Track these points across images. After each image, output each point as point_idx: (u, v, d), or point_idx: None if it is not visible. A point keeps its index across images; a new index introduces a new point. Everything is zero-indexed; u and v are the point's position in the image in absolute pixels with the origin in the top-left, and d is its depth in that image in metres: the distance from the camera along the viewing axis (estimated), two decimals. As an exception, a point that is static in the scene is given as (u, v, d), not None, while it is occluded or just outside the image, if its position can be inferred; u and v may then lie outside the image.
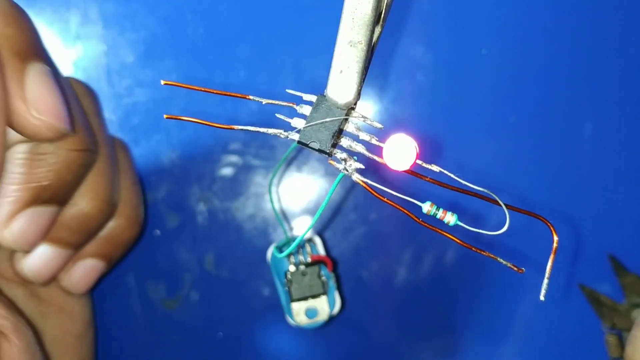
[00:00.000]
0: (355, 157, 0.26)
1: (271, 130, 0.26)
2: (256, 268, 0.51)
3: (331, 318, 0.49)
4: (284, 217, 0.52)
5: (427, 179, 0.25)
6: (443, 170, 0.25)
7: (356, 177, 0.25)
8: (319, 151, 0.25)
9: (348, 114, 0.25)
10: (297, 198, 0.52)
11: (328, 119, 0.25)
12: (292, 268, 0.47)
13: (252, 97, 0.27)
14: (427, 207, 0.25)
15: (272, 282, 0.50)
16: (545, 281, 0.24)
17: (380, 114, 0.53)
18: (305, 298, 0.46)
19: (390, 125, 0.53)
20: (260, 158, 0.52)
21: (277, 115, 0.26)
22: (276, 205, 0.52)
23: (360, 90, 0.25)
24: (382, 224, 0.52)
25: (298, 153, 0.52)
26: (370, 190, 0.25)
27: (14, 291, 0.34)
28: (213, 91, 0.27)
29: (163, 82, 0.27)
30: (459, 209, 0.26)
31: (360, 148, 0.26)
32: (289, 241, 0.48)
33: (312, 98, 0.26)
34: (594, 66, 0.54)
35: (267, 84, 0.52)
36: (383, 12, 0.26)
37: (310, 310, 0.46)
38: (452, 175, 0.24)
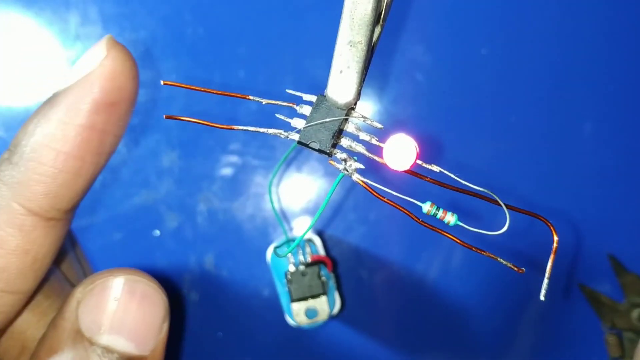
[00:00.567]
0: (355, 157, 0.25)
1: (271, 130, 0.26)
2: (256, 268, 0.51)
3: (331, 318, 0.49)
4: (284, 217, 0.52)
5: (427, 179, 0.25)
6: (443, 170, 0.25)
7: (356, 177, 0.25)
8: (319, 151, 0.25)
9: (348, 114, 0.25)
10: (297, 198, 0.52)
11: (328, 119, 0.25)
12: (292, 268, 0.47)
13: (252, 97, 0.27)
14: (427, 207, 0.25)
15: (272, 282, 0.50)
16: (545, 281, 0.24)
17: (380, 114, 0.53)
18: (305, 298, 0.46)
19: (390, 125, 0.53)
20: (260, 158, 0.52)
21: (277, 115, 0.26)
22: (276, 205, 0.52)
23: (360, 90, 0.25)
24: (382, 224, 0.52)
25: (298, 153, 0.52)
26: (370, 190, 0.25)
27: None
28: (213, 91, 0.27)
29: (163, 82, 0.27)
30: (459, 209, 0.26)
31: (360, 148, 0.26)
32: (289, 241, 0.48)
33: (312, 98, 0.26)
34: (594, 66, 0.54)
35: (267, 84, 0.52)
36: (383, 12, 0.26)
37: (310, 310, 0.46)
38: (452, 175, 0.24)
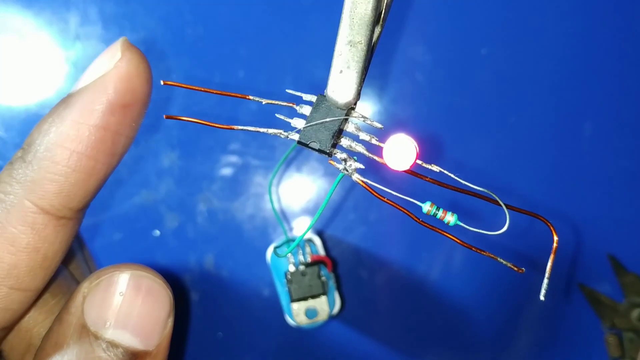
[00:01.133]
0: (355, 157, 0.25)
1: (271, 130, 0.26)
2: (256, 268, 0.51)
3: (331, 318, 0.49)
4: (284, 217, 0.52)
5: (427, 179, 0.25)
6: (443, 170, 0.25)
7: (356, 177, 0.25)
8: (319, 151, 0.25)
9: (348, 114, 0.25)
10: (297, 198, 0.52)
11: (328, 119, 0.25)
12: (292, 268, 0.47)
13: (252, 97, 0.27)
14: (427, 207, 0.25)
15: (272, 282, 0.50)
16: (545, 281, 0.24)
17: (380, 114, 0.53)
18: (305, 298, 0.46)
19: (390, 125, 0.53)
20: (260, 158, 0.52)
21: (277, 115, 0.26)
22: (276, 205, 0.52)
23: (360, 90, 0.25)
24: (382, 224, 0.52)
25: (298, 153, 0.52)
26: (370, 190, 0.25)
27: None
28: (213, 91, 0.27)
29: (163, 82, 0.27)
30: (459, 209, 0.26)
31: (360, 148, 0.26)
32: (289, 241, 0.48)
33: (312, 98, 0.26)
34: (594, 66, 0.54)
35: (267, 84, 0.52)
36: (383, 12, 0.26)
37: (310, 310, 0.46)
38: (452, 175, 0.24)
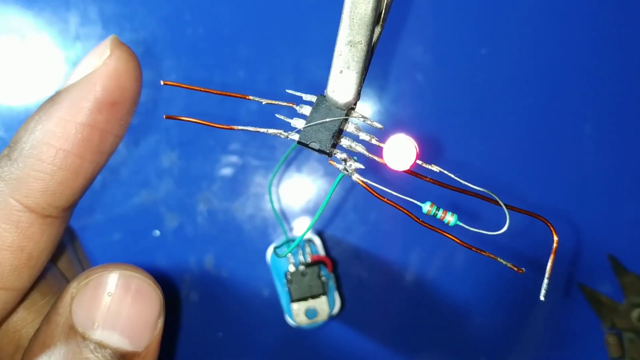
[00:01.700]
0: (355, 158, 0.25)
1: (271, 130, 0.26)
2: (256, 268, 0.51)
3: (331, 318, 0.49)
4: (284, 218, 0.52)
5: (427, 179, 0.25)
6: (443, 170, 0.25)
7: (356, 178, 0.25)
8: (319, 151, 0.25)
9: (348, 114, 0.25)
10: (297, 198, 0.52)
11: (328, 119, 0.25)
12: (292, 268, 0.47)
13: (252, 97, 0.27)
14: (427, 208, 0.25)
15: (272, 283, 0.50)
16: (545, 281, 0.24)
17: (380, 114, 0.53)
18: (305, 298, 0.46)
19: (390, 125, 0.53)
20: (260, 158, 0.52)
21: (277, 115, 0.26)
22: (276, 205, 0.52)
23: (360, 90, 0.25)
24: (382, 224, 0.52)
25: (298, 153, 0.52)
26: (370, 190, 0.25)
27: None
28: (213, 91, 0.27)
29: (163, 83, 0.27)
30: (459, 209, 0.26)
31: (360, 148, 0.26)
32: (289, 241, 0.48)
33: (312, 98, 0.26)
34: (594, 66, 0.54)
35: (267, 84, 0.52)
36: (383, 12, 0.26)
37: (310, 310, 0.46)
38: (452, 175, 0.24)
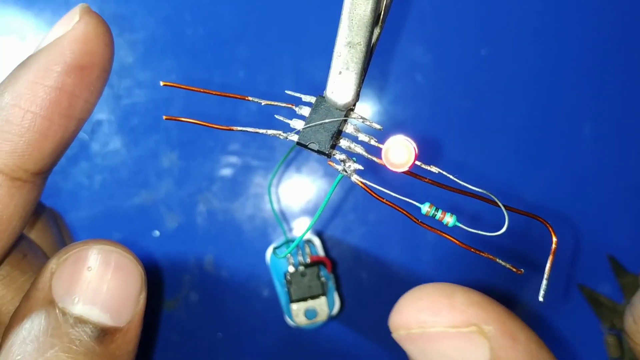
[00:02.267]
0: (354, 158, 0.25)
1: (270, 131, 0.26)
2: (255, 269, 0.51)
3: (331, 318, 0.49)
4: (283, 218, 0.52)
5: (426, 180, 0.25)
6: (442, 171, 0.25)
7: (355, 178, 0.25)
8: (318, 152, 0.25)
9: (347, 115, 0.25)
10: (297, 199, 0.52)
11: (327, 120, 0.25)
12: (292, 269, 0.47)
13: (251, 98, 0.27)
14: (426, 208, 0.25)
15: (272, 283, 0.50)
16: (544, 282, 0.24)
17: (379, 115, 0.53)
18: (304, 299, 0.46)
19: (389, 126, 0.53)
20: (259, 159, 0.52)
21: (277, 116, 0.26)
22: (275, 206, 0.52)
23: (359, 91, 0.25)
24: (381, 225, 0.52)
25: (297, 154, 0.52)
26: (369, 191, 0.25)
27: None
28: (212, 92, 0.27)
29: (162, 83, 0.27)
30: (458, 210, 0.26)
31: (359, 149, 0.26)
32: (288, 242, 0.48)
33: (312, 99, 0.26)
34: (594, 67, 0.54)
35: (267, 85, 0.52)
36: (382, 13, 0.26)
37: (309, 310, 0.46)
38: (451, 176, 0.24)
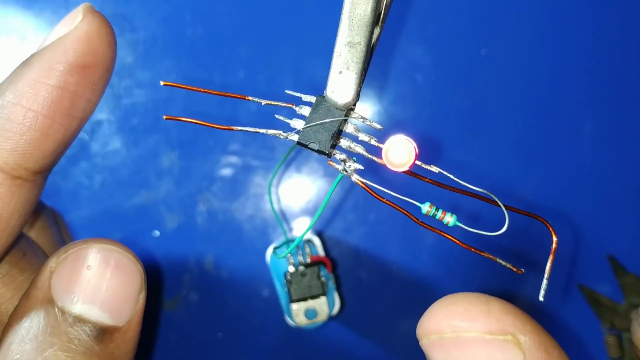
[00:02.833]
0: (354, 158, 0.25)
1: (270, 131, 0.26)
2: (255, 269, 0.51)
3: (331, 318, 0.49)
4: (284, 218, 0.52)
5: (427, 180, 0.25)
6: (442, 171, 0.25)
7: (355, 178, 0.25)
8: (318, 152, 0.25)
9: (347, 115, 0.25)
10: (297, 199, 0.52)
11: (327, 120, 0.25)
12: (292, 269, 0.47)
13: (252, 98, 0.27)
14: (427, 208, 0.25)
15: (272, 283, 0.50)
16: (544, 282, 0.24)
17: (379, 115, 0.53)
18: (304, 299, 0.46)
19: (389, 125, 0.53)
20: (259, 159, 0.52)
21: (277, 116, 0.26)
22: (275, 206, 0.52)
23: (359, 91, 0.25)
24: (382, 225, 0.52)
25: (297, 154, 0.52)
26: (369, 191, 0.25)
27: None
28: (212, 92, 0.27)
29: (162, 83, 0.27)
30: (459, 210, 0.26)
31: (359, 149, 0.26)
32: (288, 242, 0.48)
33: (312, 99, 0.26)
34: (594, 66, 0.54)
35: (267, 85, 0.52)
36: (382, 13, 0.26)
37: (309, 310, 0.46)
38: (451, 176, 0.24)
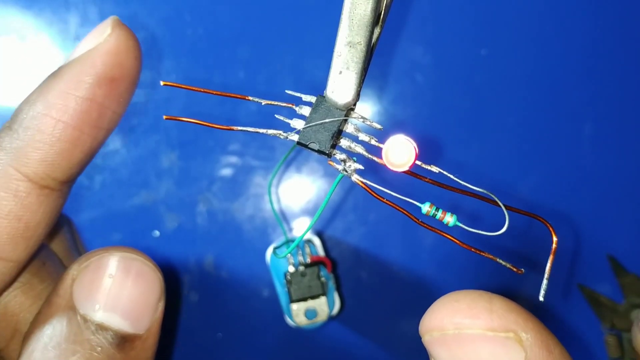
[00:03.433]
0: (354, 158, 0.25)
1: (270, 131, 0.26)
2: (256, 268, 0.51)
3: (331, 319, 0.49)
4: (284, 218, 0.52)
5: (427, 180, 0.25)
6: (442, 171, 0.25)
7: (355, 178, 0.25)
8: (318, 152, 0.25)
9: (347, 115, 0.25)
10: (297, 199, 0.52)
11: (327, 120, 0.25)
12: (292, 269, 0.47)
13: (252, 98, 0.27)
14: (427, 208, 0.25)
15: (272, 283, 0.50)
16: (544, 282, 0.24)
17: (379, 115, 0.53)
18: (304, 299, 0.46)
19: (389, 125, 0.53)
20: (259, 159, 0.52)
21: (277, 116, 0.26)
22: (275, 206, 0.52)
23: (359, 91, 0.25)
24: (382, 225, 0.52)
25: (297, 154, 0.52)
26: (369, 191, 0.25)
27: None
28: (212, 92, 0.27)
29: (162, 83, 0.27)
30: (459, 210, 0.26)
31: (359, 149, 0.26)
32: (288, 242, 0.48)
33: (312, 99, 0.26)
34: (594, 66, 0.54)
35: (267, 85, 0.52)
36: (382, 13, 0.26)
37: (309, 310, 0.46)
38: (451, 176, 0.24)
